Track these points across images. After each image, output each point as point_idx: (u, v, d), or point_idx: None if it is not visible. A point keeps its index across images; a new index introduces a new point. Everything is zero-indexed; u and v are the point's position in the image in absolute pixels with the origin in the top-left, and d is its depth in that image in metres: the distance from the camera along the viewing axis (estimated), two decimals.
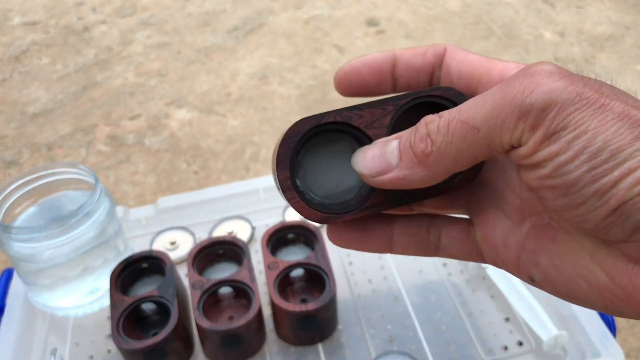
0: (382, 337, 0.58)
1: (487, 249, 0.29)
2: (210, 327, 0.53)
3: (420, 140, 0.25)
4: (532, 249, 0.27)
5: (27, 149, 1.27)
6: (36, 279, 0.59)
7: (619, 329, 0.85)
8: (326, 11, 1.74)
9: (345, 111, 0.28)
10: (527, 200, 0.28)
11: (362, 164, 0.27)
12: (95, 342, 0.59)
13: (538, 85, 0.23)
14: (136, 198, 1.12)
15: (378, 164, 0.26)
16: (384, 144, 0.27)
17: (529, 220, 0.27)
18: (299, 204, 0.27)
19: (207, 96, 1.40)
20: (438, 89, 0.29)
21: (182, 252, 0.67)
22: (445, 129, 0.24)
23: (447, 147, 0.24)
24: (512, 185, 0.29)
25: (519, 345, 0.56)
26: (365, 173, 0.27)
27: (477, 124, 0.24)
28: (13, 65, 1.58)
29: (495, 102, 0.23)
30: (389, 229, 0.30)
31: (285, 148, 0.27)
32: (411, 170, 0.26)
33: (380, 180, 0.26)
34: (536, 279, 0.27)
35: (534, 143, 0.23)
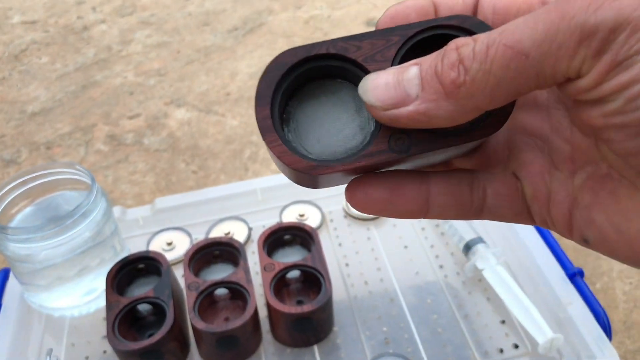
0: (377, 338, 0.58)
1: (537, 206, 0.25)
2: (206, 329, 0.53)
3: (450, 67, 0.20)
4: (587, 204, 0.23)
5: (25, 147, 1.27)
6: (32, 280, 0.59)
7: (615, 331, 0.85)
8: (326, 11, 1.74)
9: (341, 41, 0.23)
10: (581, 147, 0.23)
11: (372, 94, 0.22)
12: (91, 343, 0.59)
13: (605, 1, 0.18)
14: (134, 197, 1.12)
15: (394, 93, 0.21)
16: (401, 70, 0.22)
17: (582, 171, 0.23)
18: (279, 149, 0.22)
19: (207, 96, 1.40)
20: (454, 17, 0.24)
21: (179, 252, 0.67)
22: (484, 55, 0.20)
23: (484, 77, 0.20)
24: (560, 129, 0.24)
25: (515, 348, 0.56)
26: (376, 104, 0.22)
27: (525, 48, 0.19)
28: (12, 64, 1.58)
29: (549, 21, 0.19)
30: (424, 187, 0.25)
31: (265, 82, 0.23)
32: (436, 103, 0.21)
33: (395, 114, 0.22)
34: (590, 239, 0.23)
35: (599, 72, 0.19)
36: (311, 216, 0.70)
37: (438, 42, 0.24)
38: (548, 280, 0.60)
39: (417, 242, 0.67)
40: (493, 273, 0.60)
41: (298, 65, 0.23)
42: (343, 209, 0.72)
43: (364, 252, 0.67)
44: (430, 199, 0.25)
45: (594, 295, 0.58)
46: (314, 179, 0.23)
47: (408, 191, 0.25)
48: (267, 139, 0.22)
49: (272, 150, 0.22)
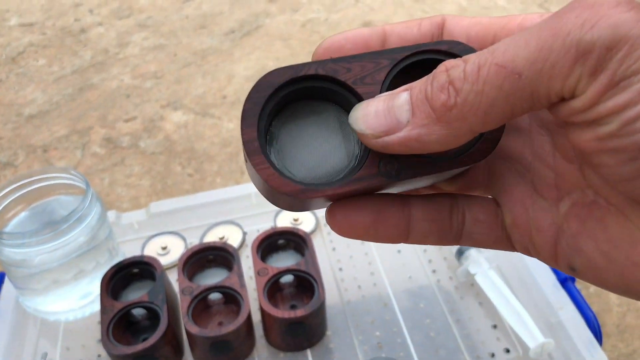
0: (370, 343, 0.58)
1: (517, 234, 0.24)
2: (200, 333, 0.53)
3: (440, 90, 0.20)
4: (573, 232, 0.22)
5: (22, 150, 1.27)
6: (27, 284, 0.59)
7: (609, 334, 0.86)
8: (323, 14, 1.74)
9: (330, 63, 0.23)
10: (565, 174, 0.23)
11: (362, 122, 0.21)
12: (85, 347, 0.60)
13: (602, 18, 0.18)
14: (130, 201, 1.12)
15: (384, 120, 0.21)
16: (390, 97, 0.21)
17: (568, 198, 0.23)
18: (267, 171, 0.22)
19: (203, 99, 1.40)
20: (444, 42, 0.23)
21: (174, 257, 0.67)
22: (475, 75, 0.19)
23: (476, 99, 0.19)
24: (543, 156, 0.24)
25: (506, 353, 0.57)
26: (367, 132, 0.21)
27: (517, 68, 0.19)
28: (9, 66, 1.58)
29: (542, 39, 0.18)
30: (406, 212, 0.24)
31: (252, 103, 0.22)
32: (427, 128, 0.20)
33: (386, 142, 0.21)
34: (577, 268, 0.22)
35: (595, 92, 0.18)
36: (305, 221, 0.71)
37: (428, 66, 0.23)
38: (539, 285, 0.60)
39: (410, 247, 0.68)
40: (485, 278, 0.61)
41: (286, 85, 0.23)
42: None
43: (357, 257, 0.67)
44: (411, 225, 0.25)
45: (585, 300, 0.59)
46: (298, 202, 0.23)
47: (390, 217, 0.24)
48: (254, 162, 0.22)
49: (259, 173, 0.22)
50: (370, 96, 0.23)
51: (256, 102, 0.22)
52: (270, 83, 0.22)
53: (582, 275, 0.23)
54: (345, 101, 0.23)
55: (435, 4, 1.79)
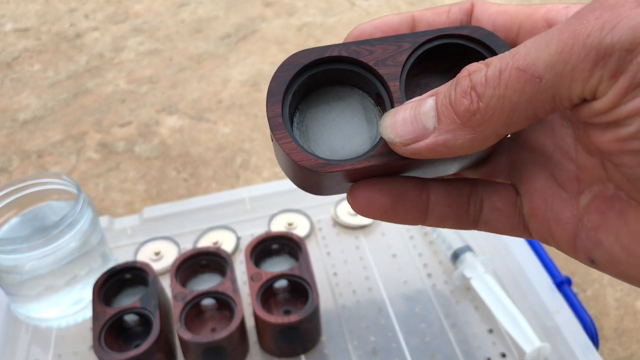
0: (365, 348, 0.58)
1: (535, 224, 0.24)
2: (192, 339, 0.53)
3: (463, 95, 0.20)
4: (594, 225, 0.22)
5: (17, 156, 1.27)
6: (19, 290, 0.59)
7: (606, 338, 0.85)
8: (319, 18, 1.74)
9: (354, 45, 0.24)
10: (587, 167, 0.23)
11: (391, 130, 0.22)
12: (77, 354, 0.59)
13: (622, 19, 0.18)
14: (125, 206, 1.12)
15: (411, 128, 0.22)
16: (417, 104, 0.22)
17: (589, 191, 0.23)
18: (289, 145, 0.22)
19: (198, 103, 1.40)
20: (465, 27, 0.24)
21: (167, 262, 0.67)
22: (496, 80, 0.20)
23: (498, 103, 0.20)
24: (565, 148, 0.24)
25: (502, 357, 0.56)
26: (396, 140, 0.22)
27: (538, 71, 0.19)
28: (4, 71, 1.58)
29: (562, 42, 0.18)
30: (425, 195, 0.25)
31: (278, 81, 0.23)
32: (453, 134, 0.21)
33: (415, 149, 0.22)
34: (598, 260, 0.23)
35: (616, 94, 0.18)
36: (300, 225, 0.70)
37: (451, 51, 0.24)
38: (535, 289, 0.60)
39: (406, 251, 0.67)
40: (481, 281, 0.60)
41: (310, 67, 0.24)
42: (332, 217, 0.72)
43: (352, 261, 0.67)
44: (429, 208, 0.25)
45: (581, 304, 0.58)
46: (320, 179, 0.23)
47: (409, 199, 0.25)
48: (277, 136, 0.22)
49: (282, 147, 0.22)
50: (391, 77, 0.23)
51: (281, 81, 0.23)
52: (295, 63, 0.23)
53: (601, 268, 0.23)
54: (368, 84, 0.24)
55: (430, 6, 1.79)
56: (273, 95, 0.23)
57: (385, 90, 0.24)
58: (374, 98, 0.25)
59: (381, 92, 0.24)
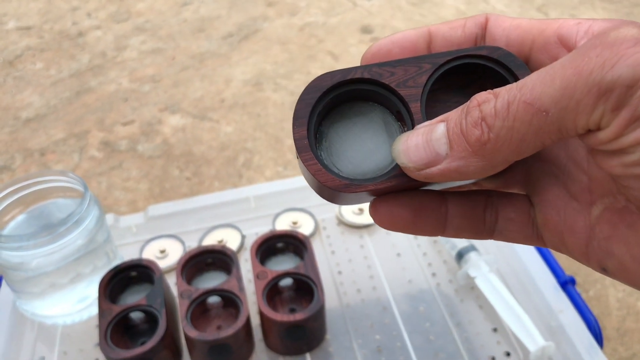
0: (370, 347, 0.58)
1: (549, 234, 0.25)
2: (198, 337, 0.53)
3: (473, 126, 0.21)
4: (605, 235, 0.23)
5: (19, 154, 1.27)
6: (25, 287, 0.59)
7: (609, 338, 0.85)
8: (321, 18, 1.75)
9: (375, 67, 0.25)
10: (598, 179, 0.24)
11: (404, 156, 0.23)
12: (83, 351, 0.59)
13: (621, 57, 0.19)
14: (128, 205, 1.12)
15: (424, 154, 0.22)
16: (429, 130, 0.23)
17: (600, 202, 0.23)
18: (315, 167, 0.24)
19: (201, 102, 1.40)
20: (484, 48, 0.25)
21: (172, 260, 0.67)
22: (505, 112, 0.21)
23: (508, 134, 0.21)
24: (578, 160, 0.25)
25: (507, 356, 0.56)
26: (409, 166, 0.23)
27: (544, 105, 0.20)
28: (7, 70, 1.58)
29: (566, 78, 0.20)
30: (443, 208, 0.26)
31: (303, 104, 0.24)
32: (465, 161, 0.22)
33: (427, 174, 0.23)
34: (609, 269, 0.23)
35: (618, 126, 0.19)
36: (304, 224, 0.70)
37: (469, 69, 0.25)
38: (540, 288, 0.60)
39: (410, 250, 0.68)
40: (485, 281, 0.60)
41: (334, 88, 0.25)
42: (336, 216, 0.72)
43: (356, 260, 0.67)
44: (447, 220, 0.26)
45: (585, 303, 0.58)
46: (342, 196, 0.25)
47: (429, 212, 0.26)
48: (304, 157, 0.24)
49: (308, 169, 0.24)
50: (411, 98, 0.24)
51: (307, 103, 0.24)
52: (319, 86, 0.24)
53: (613, 276, 0.24)
54: (389, 102, 0.25)
55: (432, 7, 1.80)
56: (299, 118, 0.24)
57: (406, 110, 0.25)
58: (394, 114, 0.26)
59: (402, 110, 0.25)
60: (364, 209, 0.71)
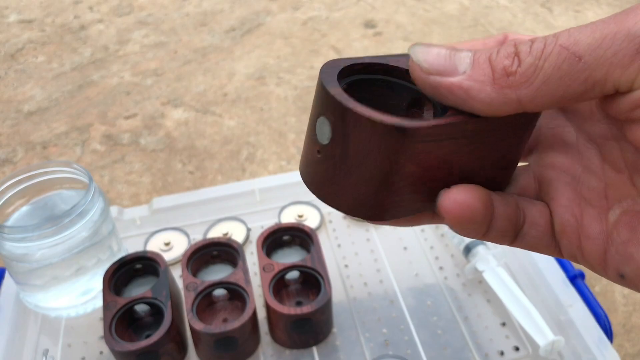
0: (377, 340, 0.57)
1: (565, 240, 0.25)
2: (204, 330, 0.52)
3: (505, 56, 0.21)
4: (623, 240, 0.23)
5: (21, 147, 1.26)
6: (28, 279, 0.58)
7: (615, 334, 0.85)
8: (324, 12, 1.74)
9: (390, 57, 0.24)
10: (614, 183, 0.23)
11: (422, 54, 0.22)
12: (87, 344, 0.59)
13: None
14: (131, 198, 1.11)
15: (443, 62, 0.22)
16: (454, 50, 0.22)
17: (617, 207, 0.23)
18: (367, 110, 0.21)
19: (204, 96, 1.39)
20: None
21: (177, 253, 0.66)
22: (539, 51, 0.20)
23: (534, 72, 0.20)
24: (591, 167, 0.24)
25: (515, 351, 0.56)
26: (423, 65, 0.22)
27: (579, 51, 0.19)
28: (8, 63, 1.57)
29: (607, 29, 0.19)
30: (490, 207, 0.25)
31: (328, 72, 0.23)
32: (480, 85, 0.21)
33: (437, 81, 0.22)
34: (628, 275, 0.23)
35: None
36: (310, 217, 0.70)
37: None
38: (549, 282, 0.59)
39: (417, 244, 0.67)
40: (493, 275, 0.60)
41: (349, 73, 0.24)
42: None
43: (363, 254, 0.66)
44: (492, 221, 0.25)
45: (595, 298, 0.58)
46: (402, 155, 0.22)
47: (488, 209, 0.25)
48: (351, 105, 0.21)
49: (360, 113, 0.21)
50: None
51: (331, 72, 0.23)
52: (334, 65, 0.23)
53: (632, 282, 0.23)
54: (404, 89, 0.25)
55: (436, 2, 1.79)
56: (329, 82, 0.22)
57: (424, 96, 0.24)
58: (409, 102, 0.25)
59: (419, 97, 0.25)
60: None
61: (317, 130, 0.22)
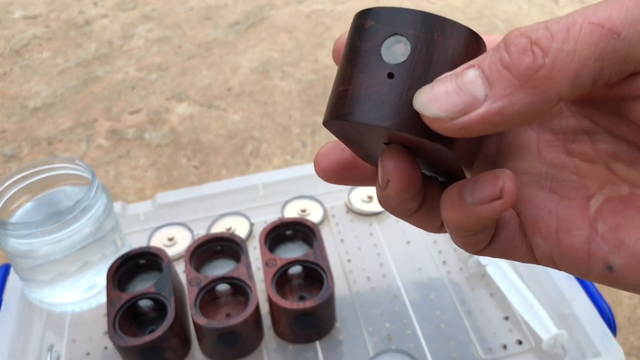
0: (380, 335, 0.58)
1: (542, 240, 0.23)
2: (207, 325, 0.52)
3: (522, 53, 0.18)
4: (610, 226, 0.21)
5: (27, 143, 1.27)
6: (33, 275, 0.59)
7: (620, 327, 0.85)
8: (328, 5, 1.73)
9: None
10: (590, 174, 0.22)
11: (433, 105, 0.19)
12: (92, 339, 0.59)
13: None
14: (136, 193, 1.12)
15: (458, 99, 0.19)
16: (455, 76, 0.19)
17: (599, 194, 0.22)
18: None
19: (208, 91, 1.39)
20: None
21: (180, 248, 0.66)
22: (565, 34, 0.18)
23: (567, 57, 0.18)
24: (560, 165, 0.23)
25: (519, 344, 0.56)
26: (441, 115, 0.19)
27: (616, 26, 0.17)
28: (14, 59, 1.57)
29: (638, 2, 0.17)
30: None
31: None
32: (510, 98, 0.18)
33: (465, 122, 0.19)
34: (617, 264, 0.21)
35: None
36: (313, 211, 0.70)
37: None
38: (552, 276, 0.59)
39: (420, 238, 0.67)
40: (497, 269, 0.60)
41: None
42: (345, 204, 0.71)
43: (366, 248, 0.66)
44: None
45: (598, 291, 0.58)
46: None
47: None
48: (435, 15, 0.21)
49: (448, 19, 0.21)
50: None
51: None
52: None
53: (620, 273, 0.21)
54: None
55: None
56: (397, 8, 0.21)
57: None
58: None
59: None
60: (373, 197, 0.71)
61: (384, 54, 0.21)
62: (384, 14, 0.22)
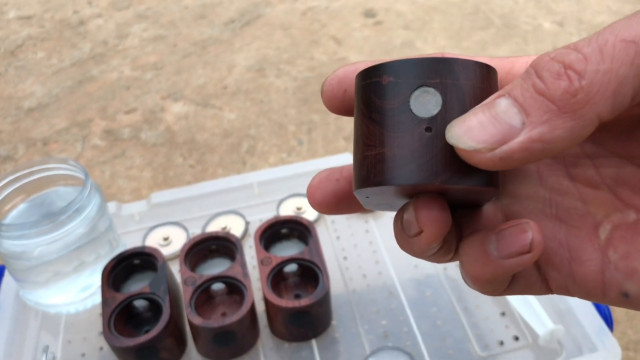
0: (376, 332, 0.57)
1: (555, 272, 0.23)
2: (203, 324, 0.52)
3: (557, 78, 0.18)
4: (622, 254, 0.21)
5: (22, 144, 1.26)
6: (27, 276, 0.58)
7: (618, 321, 0.85)
8: (323, 2, 1.73)
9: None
10: (595, 200, 0.22)
11: (469, 137, 0.19)
12: (87, 340, 0.59)
13: None
14: (132, 193, 1.11)
15: (494, 129, 0.18)
16: (487, 107, 0.19)
17: (607, 222, 0.21)
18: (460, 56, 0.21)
19: (204, 89, 1.39)
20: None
21: (175, 247, 0.66)
22: (598, 54, 0.18)
23: (604, 78, 0.17)
24: (562, 190, 0.23)
25: (515, 340, 0.56)
26: (479, 147, 0.19)
27: None
28: (8, 59, 1.57)
29: None
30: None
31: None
32: (549, 124, 0.18)
33: (506, 151, 0.18)
34: (632, 292, 0.21)
35: None
36: (309, 209, 0.69)
37: None
38: None
39: None
40: None
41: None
42: None
43: (362, 246, 0.66)
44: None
45: None
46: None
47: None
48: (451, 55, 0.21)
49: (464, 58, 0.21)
50: None
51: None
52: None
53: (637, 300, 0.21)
54: None
55: None
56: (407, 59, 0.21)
57: None
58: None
59: None
60: None
61: (414, 109, 0.20)
62: (401, 67, 0.21)
